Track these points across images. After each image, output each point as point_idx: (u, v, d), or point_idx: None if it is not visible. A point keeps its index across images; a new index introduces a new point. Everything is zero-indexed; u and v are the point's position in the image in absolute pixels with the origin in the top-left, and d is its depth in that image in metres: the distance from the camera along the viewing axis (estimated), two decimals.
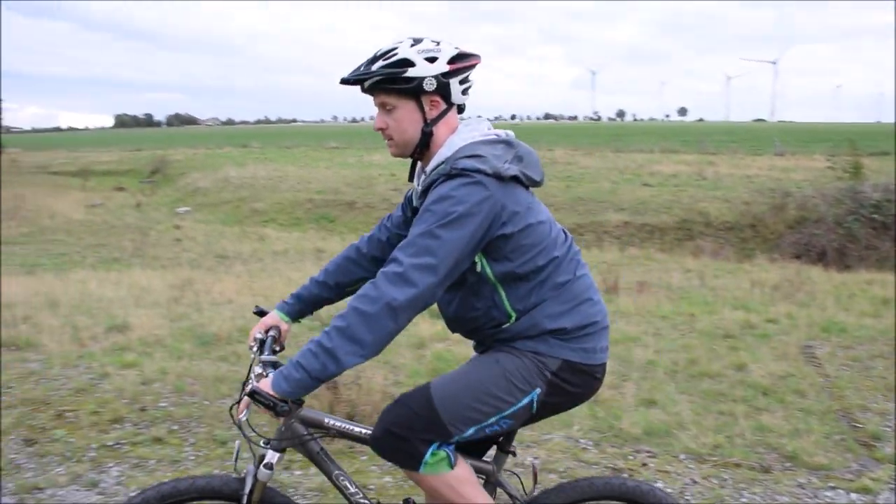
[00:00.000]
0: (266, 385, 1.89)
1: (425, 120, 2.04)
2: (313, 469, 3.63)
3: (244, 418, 1.97)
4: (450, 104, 2.07)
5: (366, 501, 2.16)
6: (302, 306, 2.36)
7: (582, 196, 24.84)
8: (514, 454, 2.26)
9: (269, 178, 33.82)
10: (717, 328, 6.98)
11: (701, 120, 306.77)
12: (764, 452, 4.04)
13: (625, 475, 3.76)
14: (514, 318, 2.04)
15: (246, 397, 1.92)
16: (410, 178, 2.19)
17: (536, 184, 2.10)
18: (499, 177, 1.93)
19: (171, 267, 13.34)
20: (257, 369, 2.06)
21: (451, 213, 1.86)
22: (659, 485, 3.61)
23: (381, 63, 1.99)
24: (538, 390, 2.02)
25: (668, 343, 6.41)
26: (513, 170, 1.98)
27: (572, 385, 2.06)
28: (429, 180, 2.01)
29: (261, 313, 2.36)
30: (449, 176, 1.93)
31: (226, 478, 2.16)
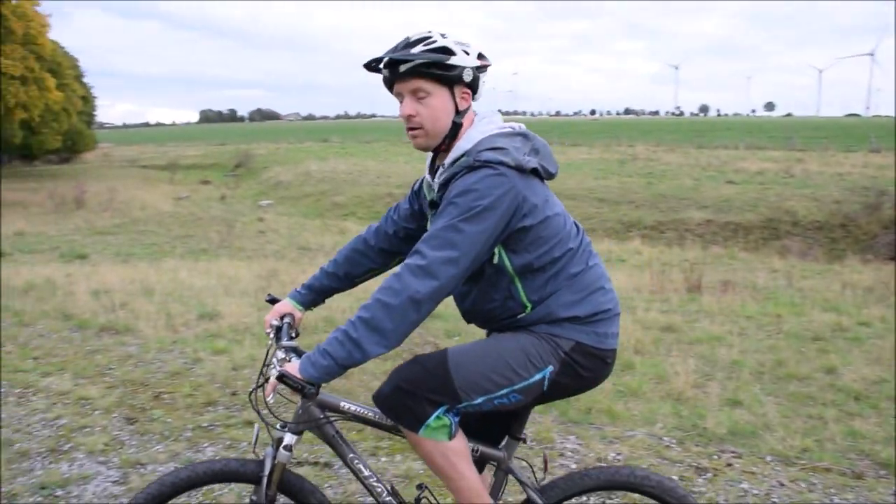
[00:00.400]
0: (293, 369, 1.95)
1: (457, 110, 2.05)
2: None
3: (272, 400, 2.03)
4: (474, 98, 2.10)
5: (379, 485, 2.21)
6: (314, 296, 2.42)
7: (663, 193, 24.41)
8: (524, 441, 2.27)
9: (350, 173, 34.43)
10: (805, 330, 6.78)
11: (789, 115, 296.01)
12: (856, 458, 3.92)
13: (639, 466, 3.74)
14: (529, 309, 2.07)
15: (274, 380, 1.96)
16: (433, 173, 2.18)
17: (552, 176, 2.12)
18: (520, 169, 1.96)
19: (256, 258, 13.76)
20: (280, 354, 2.12)
21: (474, 206, 1.89)
22: (744, 485, 3.56)
23: (422, 48, 1.98)
24: (551, 368, 2.04)
25: (753, 343, 6.26)
26: (533, 162, 2.01)
27: (584, 368, 2.08)
28: (450, 172, 2.01)
29: (273, 301, 2.43)
30: (471, 168, 1.94)
31: (244, 461, 2.21)
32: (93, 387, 4.98)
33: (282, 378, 1.94)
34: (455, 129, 2.06)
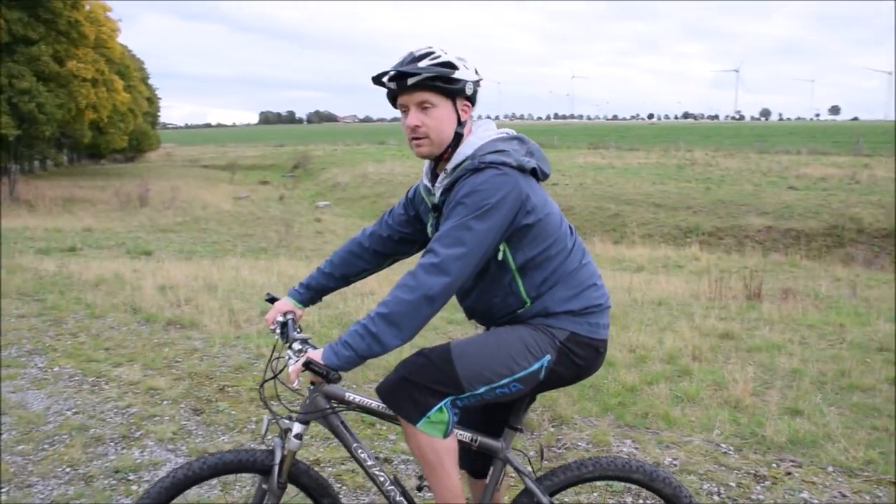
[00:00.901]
0: (316, 356, 2.06)
1: (458, 121, 2.18)
2: None
3: (297, 385, 2.15)
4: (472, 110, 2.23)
5: (382, 474, 2.30)
6: (311, 294, 2.55)
7: (722, 199, 23.98)
8: (521, 431, 2.35)
9: (406, 175, 34.68)
10: (870, 340, 6.62)
11: (856, 119, 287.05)
12: None
13: (632, 456, 3.71)
14: (528, 304, 2.19)
15: (299, 366, 2.08)
16: (432, 179, 2.29)
17: (546, 177, 2.25)
18: (521, 169, 2.11)
19: (314, 258, 13.99)
20: (296, 345, 2.21)
21: (483, 205, 2.02)
22: (804, 495, 3.53)
23: (429, 62, 2.10)
24: (548, 357, 2.16)
25: (814, 353, 6.15)
26: (532, 162, 2.15)
27: (578, 357, 2.20)
28: (454, 176, 2.14)
29: (272, 300, 2.54)
30: (477, 170, 2.08)
31: (254, 451, 2.27)
32: (161, 378, 5.18)
33: (308, 365, 2.06)
34: (457, 139, 2.18)
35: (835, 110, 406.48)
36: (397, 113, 2.23)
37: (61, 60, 30.09)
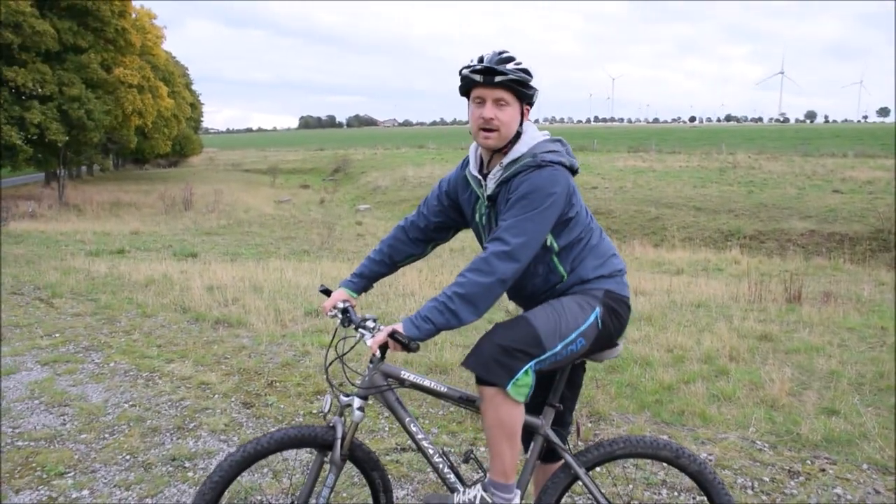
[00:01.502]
0: (399, 328, 2.28)
1: (521, 122, 2.45)
2: None
3: (379, 355, 2.39)
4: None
5: (432, 447, 2.53)
6: (364, 282, 2.79)
7: (764, 202, 23.72)
8: (559, 409, 2.57)
9: None
10: None
11: None
12: None
13: (664, 436, 3.79)
14: (565, 277, 2.49)
15: (385, 336, 2.29)
16: (481, 170, 2.54)
17: (577, 172, 2.52)
18: (570, 168, 2.43)
19: (356, 260, 14.22)
20: (370, 324, 2.48)
21: (544, 199, 2.31)
22: (837, 490, 3.59)
23: (513, 65, 2.34)
24: (598, 309, 2.44)
25: (854, 355, 6.15)
26: (576, 163, 2.47)
27: (617, 309, 2.49)
28: (512, 171, 2.39)
29: (327, 292, 2.73)
30: (537, 167, 2.35)
31: (316, 428, 2.49)
32: (212, 373, 5.40)
33: (392, 335, 2.29)
34: (516, 137, 2.45)
35: (884, 112, 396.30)
36: (436, 117, 2.45)
37: (109, 68, 31.00)
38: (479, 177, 2.53)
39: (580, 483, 2.52)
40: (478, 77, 2.35)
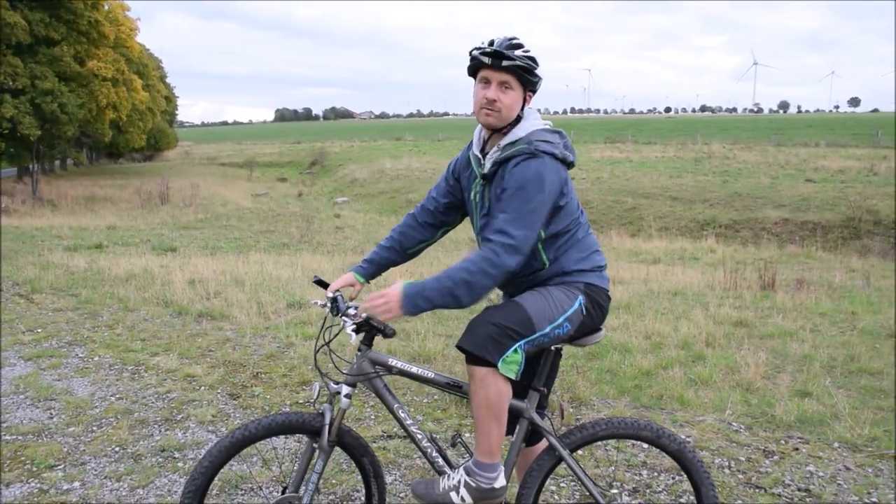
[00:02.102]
0: (394, 297, 2.33)
1: (522, 107, 2.53)
2: None
3: (355, 342, 2.46)
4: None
5: (420, 432, 2.60)
6: (374, 268, 2.83)
7: (739, 192, 24.04)
8: (544, 392, 2.63)
9: (423, 171, 34.92)
10: (880, 327, 6.79)
11: (875, 111, 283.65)
12: None
13: (642, 418, 3.94)
14: (547, 266, 2.55)
15: (358, 321, 2.40)
16: (481, 149, 2.61)
17: (573, 166, 2.57)
18: (564, 161, 2.48)
19: (336, 252, 14.27)
20: (351, 311, 2.50)
21: (540, 191, 2.38)
22: (810, 468, 3.73)
23: (521, 52, 2.42)
24: (581, 298, 2.54)
25: (825, 339, 6.33)
26: (570, 156, 2.52)
27: (598, 299, 2.58)
28: (508, 154, 2.46)
29: (321, 283, 2.73)
30: (531, 155, 2.41)
31: (305, 414, 2.53)
32: (197, 366, 5.44)
33: (369, 321, 2.40)
34: (516, 121, 2.53)
35: (854, 102, 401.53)
36: (413, 109, 2.53)
37: (82, 60, 30.59)
38: (479, 155, 2.61)
39: (564, 465, 2.60)
40: (486, 59, 2.42)
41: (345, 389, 2.52)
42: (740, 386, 5.02)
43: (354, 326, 2.44)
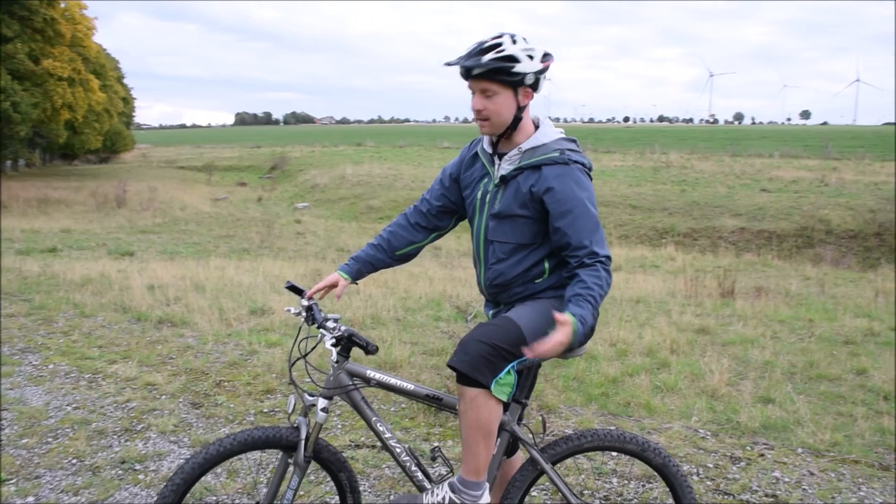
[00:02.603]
0: (568, 333, 2.22)
1: (518, 106, 2.42)
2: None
3: (335, 359, 2.40)
4: (535, 94, 2.47)
5: (399, 446, 2.53)
6: (359, 266, 2.74)
7: (697, 201, 24.41)
8: (526, 405, 2.57)
9: (385, 177, 34.78)
10: (837, 334, 6.94)
11: (825, 123, 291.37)
12: (884, 452, 4.12)
13: (622, 429, 4.00)
14: (546, 275, 2.51)
15: (342, 332, 2.36)
16: (494, 152, 2.54)
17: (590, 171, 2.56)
18: (589, 169, 2.51)
19: (297, 258, 14.11)
20: (330, 324, 2.43)
21: (591, 199, 2.40)
22: (776, 473, 3.77)
23: (491, 56, 2.32)
24: None
25: (785, 346, 6.44)
26: (590, 164, 2.52)
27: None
28: (533, 160, 2.42)
29: (294, 288, 2.62)
30: (564, 163, 2.40)
31: (280, 428, 2.43)
32: (157, 374, 5.31)
33: (352, 337, 2.35)
34: (516, 122, 2.44)
35: (806, 115, 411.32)
36: (374, 115, 2.47)
37: (37, 59, 29.90)
38: (492, 155, 2.55)
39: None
40: (461, 72, 2.38)
41: (321, 403, 2.44)
42: (705, 393, 5.07)
43: (333, 340, 2.37)
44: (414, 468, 2.52)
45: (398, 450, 2.53)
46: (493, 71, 2.32)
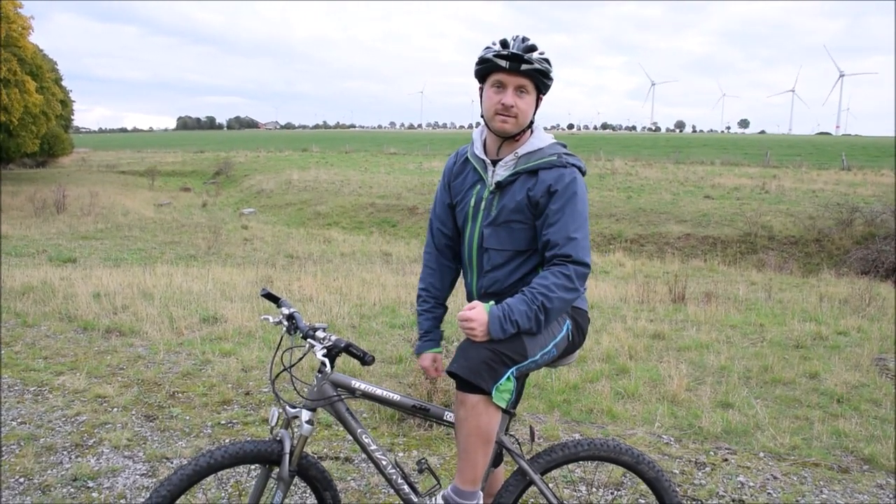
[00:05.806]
0: (481, 320, 2.24)
1: (534, 111, 2.45)
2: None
3: (329, 369, 2.32)
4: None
5: (385, 458, 2.47)
6: (434, 334, 2.72)
7: (643, 207, 24.79)
8: (514, 415, 2.55)
9: (332, 182, 34.49)
10: (787, 338, 7.09)
11: (762, 132, 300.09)
12: (841, 455, 4.20)
13: (610, 438, 4.02)
14: None
15: (333, 343, 2.30)
16: (492, 155, 2.51)
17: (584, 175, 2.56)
18: (584, 173, 2.49)
19: (246, 265, 13.84)
20: (319, 334, 2.35)
21: (584, 204, 2.37)
22: (741, 478, 3.81)
23: (538, 55, 2.33)
24: (568, 322, 2.48)
25: (739, 351, 6.56)
26: (584, 167, 2.51)
27: (582, 323, 2.56)
28: (530, 165, 2.40)
29: (270, 296, 2.55)
30: (563, 166, 2.38)
31: (262, 442, 2.33)
32: (108, 385, 5.12)
33: (348, 348, 2.27)
34: (529, 126, 2.46)
35: (744, 124, 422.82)
36: (319, 120, 2.38)
37: None
38: (486, 160, 2.50)
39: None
40: (503, 62, 2.32)
41: (305, 415, 2.34)
42: (666, 398, 5.12)
43: (325, 351, 2.28)
44: (400, 481, 2.46)
45: (384, 462, 2.46)
46: (538, 71, 2.34)
